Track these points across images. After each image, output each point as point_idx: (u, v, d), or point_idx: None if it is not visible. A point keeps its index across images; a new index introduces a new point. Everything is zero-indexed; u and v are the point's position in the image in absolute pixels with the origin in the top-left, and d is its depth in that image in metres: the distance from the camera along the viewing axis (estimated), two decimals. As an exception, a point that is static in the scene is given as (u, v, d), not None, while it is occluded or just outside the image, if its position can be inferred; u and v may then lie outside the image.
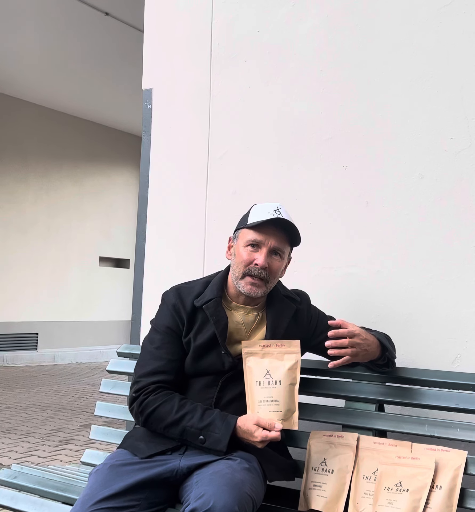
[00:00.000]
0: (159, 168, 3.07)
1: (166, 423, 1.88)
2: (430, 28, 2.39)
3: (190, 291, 2.04)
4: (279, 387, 1.86)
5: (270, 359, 1.90)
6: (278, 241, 1.97)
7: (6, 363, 9.62)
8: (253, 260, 1.95)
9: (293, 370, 1.88)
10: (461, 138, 2.29)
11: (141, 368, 1.99)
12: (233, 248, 2.04)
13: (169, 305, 2.03)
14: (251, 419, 1.82)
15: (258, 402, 1.86)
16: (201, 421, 1.84)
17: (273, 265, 1.97)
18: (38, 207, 10.44)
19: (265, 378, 1.88)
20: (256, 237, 1.95)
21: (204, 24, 2.96)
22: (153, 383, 1.94)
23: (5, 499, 2.11)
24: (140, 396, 1.93)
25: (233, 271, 2.01)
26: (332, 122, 2.58)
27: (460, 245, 2.27)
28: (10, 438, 4.89)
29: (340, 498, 1.94)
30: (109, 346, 11.03)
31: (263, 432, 1.78)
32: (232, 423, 1.83)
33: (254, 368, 1.90)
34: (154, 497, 1.80)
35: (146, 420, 1.92)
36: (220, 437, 1.81)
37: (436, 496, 1.77)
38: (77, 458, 4.25)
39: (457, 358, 2.23)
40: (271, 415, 1.83)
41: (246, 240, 1.97)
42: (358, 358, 1.92)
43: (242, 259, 1.96)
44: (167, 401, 1.90)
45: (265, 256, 1.94)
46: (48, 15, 7.06)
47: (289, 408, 1.85)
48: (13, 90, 9.77)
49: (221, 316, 1.98)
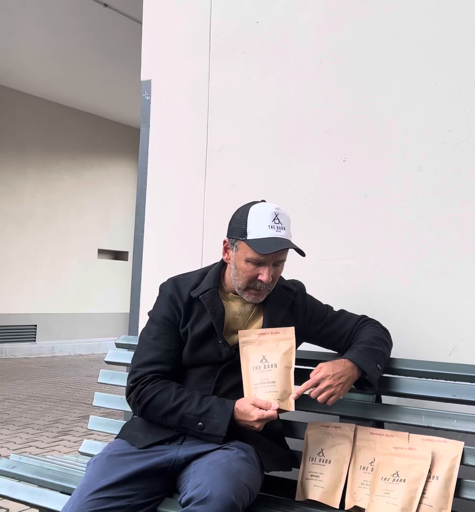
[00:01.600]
0: (157, 160, 3.07)
1: (164, 411, 1.89)
2: (429, 20, 2.38)
3: (187, 282, 2.04)
4: (275, 369, 1.89)
5: (266, 346, 1.93)
6: (280, 255, 1.94)
7: (5, 354, 9.63)
8: (257, 275, 1.92)
9: (288, 355, 1.92)
10: (460, 130, 2.29)
11: (138, 358, 2.00)
12: (232, 256, 1.97)
13: (166, 296, 2.03)
14: (248, 400, 1.84)
15: (255, 385, 1.88)
16: (199, 408, 1.85)
17: (277, 273, 1.97)
18: (36, 199, 10.42)
19: (261, 363, 1.91)
20: (259, 257, 1.90)
21: (203, 15, 2.95)
22: (150, 373, 1.95)
23: (3, 489, 2.12)
24: (137, 385, 1.94)
25: (233, 278, 1.98)
26: (331, 114, 2.57)
27: (458, 237, 2.27)
28: (9, 429, 4.90)
29: (337, 488, 1.95)
30: (107, 338, 11.04)
31: (259, 411, 1.80)
32: (230, 407, 1.84)
33: (250, 356, 1.92)
34: (151, 487, 1.81)
35: (143, 409, 1.93)
36: (219, 422, 1.83)
37: (432, 486, 1.78)
38: (75, 448, 4.26)
39: (454, 349, 2.24)
40: (267, 395, 1.85)
41: (247, 257, 1.92)
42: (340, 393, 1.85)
43: (245, 274, 1.93)
44: (164, 389, 1.91)
45: (269, 271, 1.91)
46: (47, 7, 7.03)
47: (285, 389, 1.87)
48: (11, 82, 9.73)
49: (217, 306, 1.98)
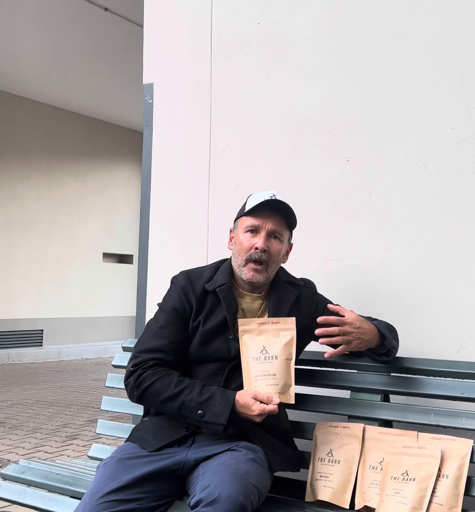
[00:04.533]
0: (161, 162, 3.07)
1: (164, 397, 1.87)
2: (430, 18, 2.38)
3: (199, 275, 2.06)
4: (275, 361, 1.89)
5: (266, 336, 1.93)
6: (275, 224, 2.00)
7: (12, 360, 9.65)
8: (253, 245, 1.98)
9: (289, 346, 1.92)
10: (463, 128, 2.29)
11: (142, 344, 1.99)
12: (234, 238, 2.08)
13: (178, 287, 2.04)
14: (248, 393, 1.83)
15: (255, 377, 1.88)
16: (200, 396, 1.85)
17: (272, 248, 2.00)
18: (40, 203, 10.45)
19: (262, 354, 1.90)
20: (254, 222, 1.99)
21: (204, 17, 2.96)
22: (152, 359, 1.94)
23: (13, 494, 2.12)
24: (137, 370, 1.93)
25: (235, 259, 2.04)
26: (333, 113, 2.57)
27: (463, 235, 2.27)
28: (17, 435, 4.91)
29: (347, 488, 1.95)
30: (114, 342, 11.06)
31: (260, 405, 1.80)
32: (231, 397, 1.84)
33: (250, 345, 1.92)
34: (161, 489, 1.81)
35: (142, 394, 1.91)
36: (220, 411, 1.82)
37: (442, 485, 1.77)
38: (84, 453, 4.27)
39: (462, 347, 2.23)
40: (268, 388, 1.85)
41: (244, 226, 2.02)
42: (352, 346, 1.91)
43: (243, 245, 2.00)
44: (165, 375, 1.90)
45: (263, 239, 1.98)
46: (47, 12, 7.05)
47: (285, 382, 1.88)
48: (13, 88, 9.77)
49: (232, 301, 2.00)
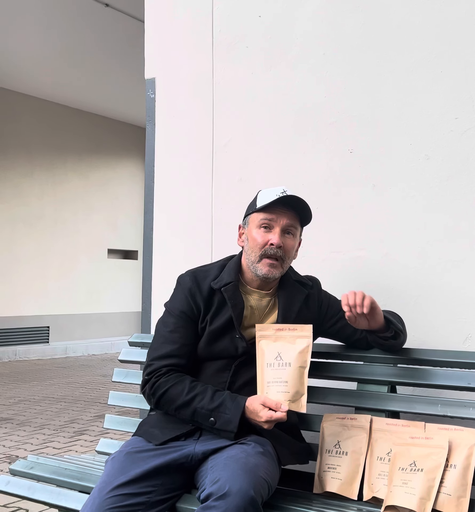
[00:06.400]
0: (164, 157, 3.07)
1: (177, 404, 1.90)
2: (432, 8, 2.37)
3: (206, 274, 2.05)
4: (288, 368, 1.87)
5: (283, 343, 1.91)
6: (290, 219, 1.99)
7: (19, 356, 9.70)
8: (267, 241, 1.97)
9: (304, 354, 1.90)
10: (467, 118, 2.28)
11: (154, 351, 2.01)
12: (245, 234, 2.05)
13: (185, 288, 2.03)
14: (258, 399, 1.83)
15: (267, 383, 1.87)
16: (211, 402, 1.86)
17: (287, 244, 1.99)
18: (44, 201, 10.46)
19: (276, 360, 1.89)
20: (267, 216, 1.98)
21: (205, 11, 2.95)
22: (165, 366, 1.96)
23: (22, 489, 2.13)
24: (152, 378, 1.96)
25: (248, 256, 2.02)
26: (336, 105, 2.57)
27: (468, 226, 2.26)
28: (25, 431, 4.94)
29: (355, 479, 1.95)
30: (120, 337, 11.09)
31: (268, 412, 1.79)
32: (242, 403, 1.84)
33: (266, 351, 1.92)
34: (170, 482, 1.82)
35: (158, 401, 1.95)
36: (230, 417, 1.83)
37: (450, 475, 1.77)
38: (92, 448, 4.29)
39: (468, 337, 2.23)
40: (279, 395, 1.84)
41: (257, 222, 1.99)
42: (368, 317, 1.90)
43: (257, 242, 1.98)
44: (178, 383, 1.92)
45: (279, 235, 1.97)
46: (48, 8, 7.04)
47: (297, 390, 1.86)
48: (15, 85, 9.76)
49: (238, 300, 1.99)
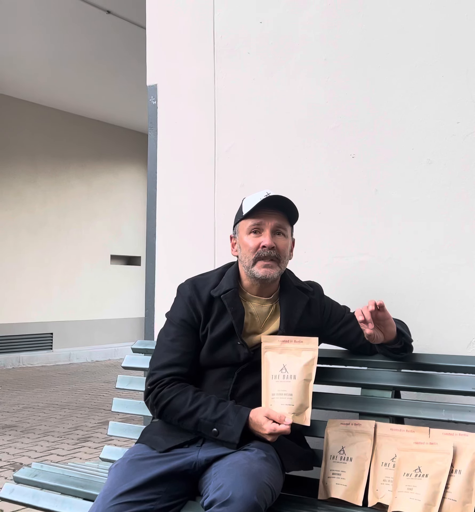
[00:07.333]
0: (166, 163, 3.08)
1: (181, 415, 1.90)
2: (433, 12, 2.37)
3: (205, 283, 2.05)
4: (293, 381, 1.86)
5: (288, 355, 1.90)
6: (278, 219, 2.00)
7: (22, 363, 9.70)
8: (259, 244, 1.98)
9: (309, 366, 1.89)
10: (469, 122, 2.28)
11: (156, 360, 2.01)
12: (237, 243, 2.06)
13: (185, 297, 2.04)
14: (262, 411, 1.82)
15: (272, 395, 1.86)
16: (215, 413, 1.86)
17: (279, 244, 1.99)
18: (47, 207, 10.48)
19: (281, 372, 1.88)
20: (256, 221, 1.99)
21: (206, 17, 2.96)
22: (167, 376, 1.96)
23: (26, 497, 2.13)
24: (155, 388, 1.95)
25: (243, 264, 2.03)
26: (338, 110, 2.57)
27: (470, 230, 2.26)
28: (29, 438, 4.93)
29: (360, 485, 1.94)
30: (123, 344, 11.09)
31: (272, 425, 1.78)
32: (245, 415, 1.84)
33: (271, 362, 1.91)
34: (174, 490, 1.82)
35: (161, 412, 1.94)
36: (233, 429, 1.82)
37: (455, 480, 1.77)
38: (96, 455, 4.29)
39: (471, 342, 2.23)
40: (283, 408, 1.83)
41: (246, 228, 2.01)
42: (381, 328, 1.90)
43: (249, 247, 1.99)
44: (181, 393, 1.92)
45: (269, 236, 1.97)
46: (50, 15, 7.07)
47: (302, 403, 1.85)
48: (18, 92, 9.80)
49: (238, 307, 1.99)
